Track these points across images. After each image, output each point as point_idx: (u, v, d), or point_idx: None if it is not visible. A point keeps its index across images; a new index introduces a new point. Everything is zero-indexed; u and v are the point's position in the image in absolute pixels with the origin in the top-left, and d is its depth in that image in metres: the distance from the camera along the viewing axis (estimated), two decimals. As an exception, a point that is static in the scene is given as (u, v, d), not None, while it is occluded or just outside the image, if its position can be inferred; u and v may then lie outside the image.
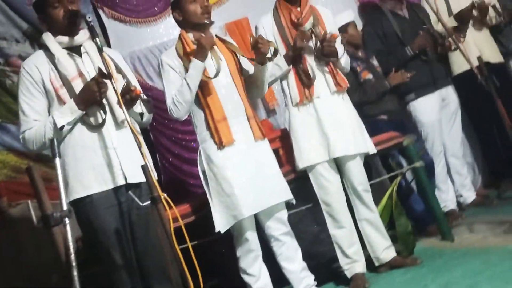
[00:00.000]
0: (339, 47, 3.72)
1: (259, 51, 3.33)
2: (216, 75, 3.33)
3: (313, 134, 3.70)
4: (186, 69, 3.34)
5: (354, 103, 3.87)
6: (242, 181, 3.33)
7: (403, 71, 4.63)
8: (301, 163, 3.73)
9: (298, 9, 3.73)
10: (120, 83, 2.91)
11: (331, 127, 3.66)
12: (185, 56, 3.38)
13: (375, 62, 4.74)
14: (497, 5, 5.01)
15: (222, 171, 3.34)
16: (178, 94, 3.33)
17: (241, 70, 3.52)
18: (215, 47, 3.44)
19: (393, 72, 4.65)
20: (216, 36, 3.52)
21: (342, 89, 3.74)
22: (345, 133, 3.67)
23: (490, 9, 4.94)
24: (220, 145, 3.34)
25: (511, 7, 5.11)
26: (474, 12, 4.83)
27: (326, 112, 3.68)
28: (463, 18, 4.82)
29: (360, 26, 5.10)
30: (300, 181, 3.79)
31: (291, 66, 3.70)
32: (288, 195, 3.49)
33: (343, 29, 4.61)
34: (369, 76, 4.61)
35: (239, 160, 3.36)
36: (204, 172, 3.41)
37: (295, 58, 3.67)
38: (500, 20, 5.03)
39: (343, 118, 3.70)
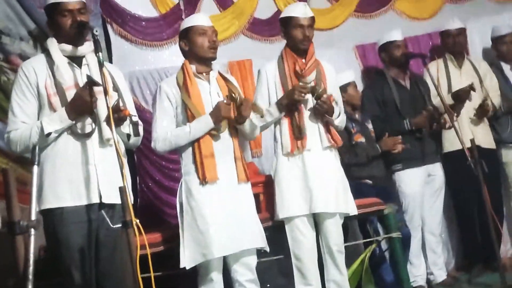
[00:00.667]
0: (336, 106, 3.73)
1: (240, 113, 3.34)
2: (218, 132, 3.34)
3: (297, 186, 3.68)
4: (183, 101, 3.34)
5: (342, 163, 3.87)
6: (218, 220, 3.30)
7: (395, 138, 4.63)
8: (281, 213, 3.71)
9: (303, 60, 3.76)
10: (113, 101, 2.89)
11: (316, 182, 3.65)
12: (184, 87, 3.38)
13: (370, 126, 4.76)
14: (496, 101, 5.05)
15: (200, 207, 3.31)
16: (173, 136, 3.34)
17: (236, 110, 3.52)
18: (216, 83, 3.45)
19: (386, 137, 4.66)
20: (218, 72, 3.52)
21: (335, 146, 3.74)
22: (329, 190, 3.67)
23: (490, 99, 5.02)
24: (203, 181, 3.32)
25: (509, 95, 5.18)
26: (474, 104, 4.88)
27: (314, 166, 3.68)
28: (459, 98, 4.87)
29: (360, 87, 5.13)
30: (275, 230, 3.76)
31: (283, 113, 3.69)
32: (262, 242, 3.46)
33: (343, 89, 4.63)
34: (362, 139, 4.63)
35: (219, 199, 3.33)
36: (181, 204, 3.37)
37: (290, 108, 3.67)
38: (499, 109, 5.10)
39: (330, 175, 3.70)
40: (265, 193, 4.12)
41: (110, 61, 4.56)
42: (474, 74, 5.14)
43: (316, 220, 3.73)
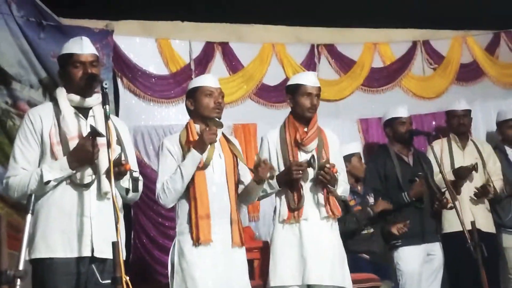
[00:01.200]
0: (339, 175, 3.72)
1: (257, 173, 3.34)
2: (204, 167, 3.31)
3: (292, 255, 3.63)
4: (185, 158, 3.33)
5: (341, 232, 3.83)
6: (208, 284, 3.23)
7: (387, 202, 4.60)
8: (273, 281, 3.64)
9: (305, 129, 3.76)
10: (115, 154, 2.88)
11: (312, 252, 3.59)
12: (187, 146, 3.38)
13: (371, 199, 4.73)
14: (498, 184, 5.04)
15: (191, 269, 3.25)
16: (169, 180, 3.31)
17: (237, 173, 3.50)
18: (218, 144, 3.44)
19: (380, 200, 4.62)
20: (222, 133, 3.53)
21: (334, 217, 3.70)
22: (325, 262, 3.61)
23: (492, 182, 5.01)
24: (196, 242, 3.27)
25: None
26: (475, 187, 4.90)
27: (310, 236, 3.63)
28: (460, 175, 4.87)
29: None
30: (267, 299, 3.68)
31: (280, 188, 3.68)
32: (250, 310, 3.38)
33: (347, 159, 4.63)
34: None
35: (211, 263, 3.27)
36: (173, 265, 3.31)
37: (290, 184, 3.66)
38: (501, 193, 5.08)
39: (326, 246, 3.65)
40: (260, 259, 4.06)
41: (117, 114, 4.60)
42: (478, 156, 5.15)
43: (310, 293, 3.66)
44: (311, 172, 3.69)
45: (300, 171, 3.59)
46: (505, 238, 5.13)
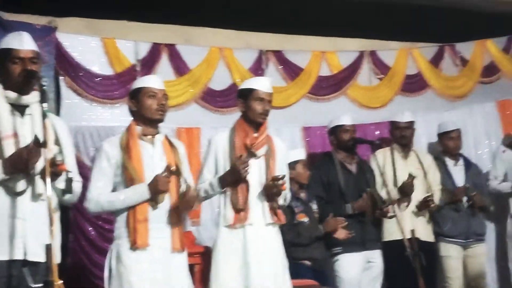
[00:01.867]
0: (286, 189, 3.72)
1: (183, 203, 3.28)
2: (157, 204, 3.25)
3: (235, 260, 3.59)
4: (123, 162, 3.27)
5: (284, 241, 3.82)
6: (145, 289, 3.16)
7: (339, 219, 4.62)
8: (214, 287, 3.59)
9: (255, 134, 3.74)
10: (51, 154, 2.80)
11: (256, 258, 3.57)
12: (126, 148, 3.31)
13: (314, 206, 4.74)
14: (436, 195, 5.13)
15: (128, 274, 3.17)
16: (106, 201, 3.27)
17: (179, 179, 3.43)
18: (161, 146, 3.39)
19: (330, 217, 4.64)
20: (165, 136, 3.47)
21: (278, 222, 3.69)
22: (268, 268, 3.59)
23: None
24: (133, 246, 3.20)
25: (451, 189, 5.26)
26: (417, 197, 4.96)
27: (255, 241, 3.60)
28: (404, 192, 4.94)
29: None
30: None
31: (223, 189, 3.66)
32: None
33: (292, 166, 4.63)
34: (305, 219, 4.59)
35: (149, 268, 3.20)
36: (110, 269, 3.24)
37: (236, 184, 3.63)
38: (439, 203, 5.18)
39: (270, 253, 3.63)
40: (202, 264, 4.01)
41: (58, 113, 4.49)
42: (419, 166, 5.22)
43: (251, 300, 3.63)
44: (256, 177, 3.67)
45: (247, 168, 3.56)
46: (443, 247, 5.22)
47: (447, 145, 5.43)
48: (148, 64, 4.98)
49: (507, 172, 5.44)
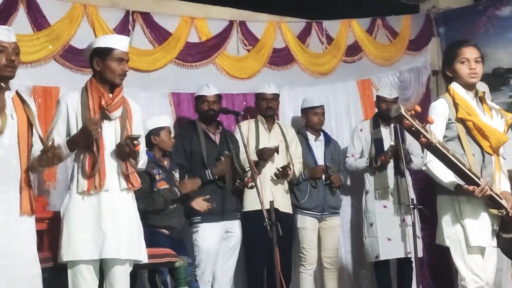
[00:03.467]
0: (142, 151, 3.60)
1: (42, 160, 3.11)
2: None
3: (88, 228, 3.45)
4: None
5: (140, 209, 3.72)
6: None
7: (195, 181, 4.59)
8: (66, 256, 3.44)
9: (110, 95, 3.58)
10: None
11: (110, 225, 3.45)
12: None
13: (177, 175, 4.67)
14: (297, 168, 5.24)
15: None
16: None
17: (31, 137, 3.23)
18: (11, 103, 3.15)
19: (186, 179, 4.58)
20: (16, 92, 3.23)
21: (133, 188, 3.58)
22: (123, 235, 3.48)
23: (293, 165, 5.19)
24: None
25: (311, 167, 5.39)
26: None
27: (109, 208, 3.48)
28: (263, 156, 5.02)
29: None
30: (56, 273, 3.51)
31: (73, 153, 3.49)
32: (36, 285, 3.14)
33: (155, 132, 4.53)
34: (165, 186, 4.50)
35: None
36: None
37: (87, 146, 3.47)
38: (299, 176, 5.28)
39: (125, 219, 3.52)
40: (50, 230, 3.82)
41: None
42: (282, 139, 5.30)
43: (103, 267, 3.51)
44: (110, 141, 3.52)
45: (99, 129, 3.41)
46: (299, 219, 5.35)
47: (311, 120, 5.53)
48: (2, 15, 4.59)
49: (363, 149, 5.66)
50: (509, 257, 3.51)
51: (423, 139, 3.02)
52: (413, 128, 2.99)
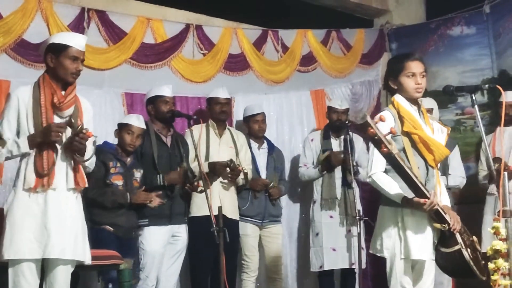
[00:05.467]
0: (90, 146, 3.55)
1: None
2: None
3: (32, 226, 3.38)
4: None
5: (88, 199, 3.66)
6: None
7: (149, 194, 4.56)
8: (7, 254, 3.36)
9: (63, 93, 3.53)
10: None
11: (55, 224, 3.39)
12: None
13: (138, 174, 4.63)
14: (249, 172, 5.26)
15: None
16: None
17: None
18: None
19: (142, 190, 4.56)
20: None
21: (79, 188, 3.53)
22: (68, 235, 3.43)
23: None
24: None
25: (254, 177, 5.39)
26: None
27: (56, 207, 3.42)
28: (215, 171, 5.01)
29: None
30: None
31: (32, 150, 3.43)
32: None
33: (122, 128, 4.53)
34: (119, 182, 4.48)
35: None
36: None
37: (43, 145, 3.41)
38: (246, 182, 5.28)
39: (71, 219, 3.47)
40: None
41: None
42: (232, 145, 5.31)
43: (44, 266, 3.44)
44: (63, 138, 3.46)
45: (60, 133, 3.37)
46: (241, 225, 5.31)
47: (252, 128, 5.54)
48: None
49: (314, 159, 5.72)
50: (445, 271, 3.55)
51: (385, 149, 3.04)
52: (376, 137, 3.01)
